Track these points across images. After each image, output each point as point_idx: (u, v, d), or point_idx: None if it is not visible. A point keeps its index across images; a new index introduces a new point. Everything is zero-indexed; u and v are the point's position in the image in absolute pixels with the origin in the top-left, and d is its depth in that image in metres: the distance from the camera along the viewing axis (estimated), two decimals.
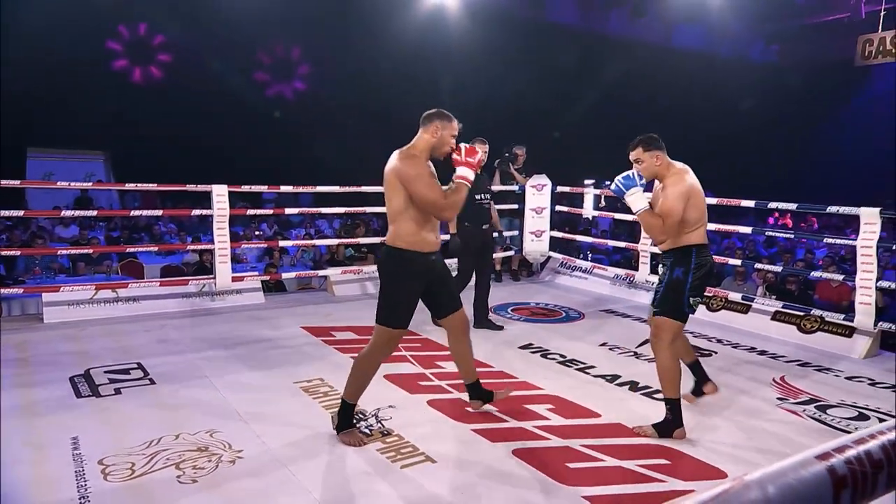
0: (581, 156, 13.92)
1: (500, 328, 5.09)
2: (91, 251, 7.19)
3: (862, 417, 3.50)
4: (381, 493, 2.59)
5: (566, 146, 13.99)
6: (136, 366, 4.02)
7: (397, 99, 12.85)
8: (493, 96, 13.48)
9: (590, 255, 9.06)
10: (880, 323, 4.61)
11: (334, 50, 13.12)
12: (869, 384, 4.07)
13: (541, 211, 6.93)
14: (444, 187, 3.00)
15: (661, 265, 3.30)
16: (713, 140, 15.68)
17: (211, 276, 5.72)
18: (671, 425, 3.14)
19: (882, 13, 13.50)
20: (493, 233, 5.32)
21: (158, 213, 7.46)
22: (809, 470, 0.59)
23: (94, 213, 8.43)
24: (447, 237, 4.69)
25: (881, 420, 3.45)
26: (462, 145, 3.07)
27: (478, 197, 5.00)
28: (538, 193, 6.91)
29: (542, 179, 6.96)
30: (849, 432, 3.24)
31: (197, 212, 6.03)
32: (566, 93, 14.97)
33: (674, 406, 3.15)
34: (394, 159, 2.93)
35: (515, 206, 7.01)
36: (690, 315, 3.18)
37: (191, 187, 5.62)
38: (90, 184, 10.29)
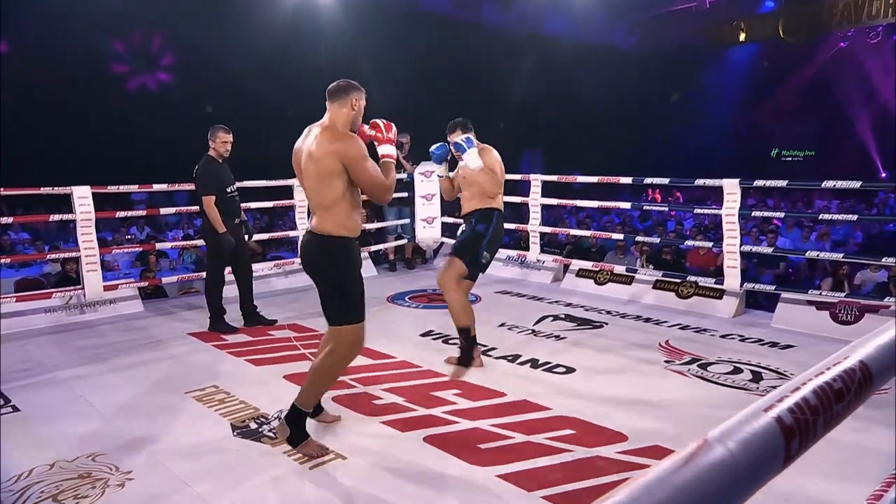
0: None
1: (274, 322, 4.90)
2: None
3: (737, 371, 3.83)
4: (294, 497, 2.49)
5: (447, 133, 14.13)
6: None
7: (269, 87, 12.39)
8: (370, 84, 13.32)
9: None
10: (745, 284, 5.08)
11: (199, 38, 12.36)
12: (739, 340, 4.46)
13: (430, 198, 6.96)
14: None
15: (463, 224, 3.88)
16: (585, 124, 16.52)
17: (78, 286, 5.23)
18: (469, 352, 3.69)
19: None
20: (242, 225, 4.88)
21: (8, 220, 6.69)
22: (760, 422, 0.61)
23: None
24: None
25: (753, 372, 3.80)
26: (379, 121, 2.84)
27: (229, 190, 4.69)
28: (427, 180, 6.93)
29: (430, 166, 6.97)
30: (728, 386, 3.54)
31: (56, 217, 5.45)
32: (444, 80, 15.12)
33: (466, 333, 3.69)
34: (323, 139, 2.61)
35: (405, 195, 6.99)
36: (481, 274, 3.84)
37: (46, 190, 5.09)
38: None
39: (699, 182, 5.22)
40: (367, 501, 2.44)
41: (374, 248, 7.06)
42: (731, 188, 4.99)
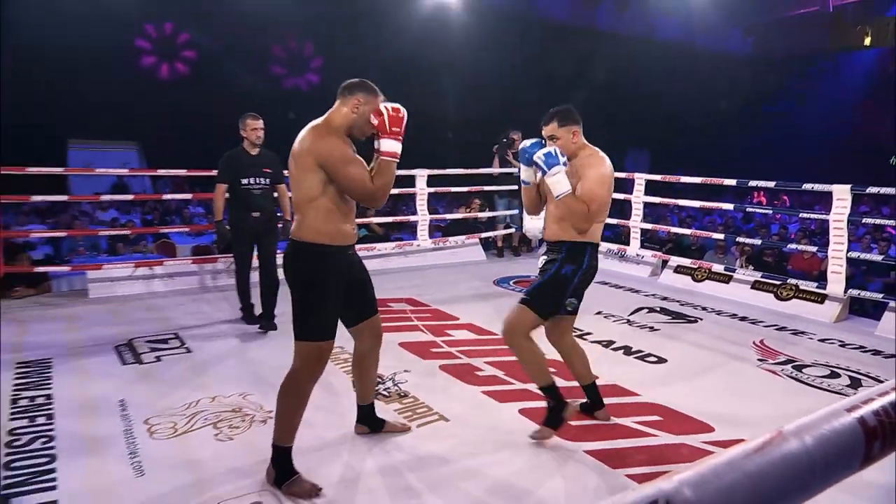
0: None
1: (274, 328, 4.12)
2: (129, 232, 7.18)
3: (834, 375, 3.50)
4: (401, 447, 2.59)
5: None
6: (173, 336, 4.02)
7: (402, 87, 12.78)
8: (490, 87, 13.40)
9: None
10: (849, 290, 4.59)
11: (344, 43, 12.97)
12: (839, 345, 4.06)
13: None
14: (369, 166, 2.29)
15: (545, 255, 2.75)
16: (696, 127, 15.56)
17: None
18: (558, 412, 2.61)
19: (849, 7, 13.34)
20: (268, 220, 4.26)
21: (188, 196, 7.41)
22: (841, 421, 0.57)
23: (131, 197, 8.41)
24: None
25: (852, 378, 3.45)
26: (385, 107, 2.24)
27: (244, 181, 4.16)
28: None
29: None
30: (824, 389, 3.25)
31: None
32: (559, 82, 14.84)
33: (551, 391, 2.62)
34: (307, 136, 2.21)
35: (515, 188, 6.96)
36: (563, 314, 2.70)
37: (216, 173, 5.57)
38: (126, 170, 10.24)
39: (807, 186, 4.76)
40: (463, 462, 2.48)
41: (484, 235, 7.15)
42: (842, 194, 4.52)
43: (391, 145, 2.23)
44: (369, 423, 2.69)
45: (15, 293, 4.92)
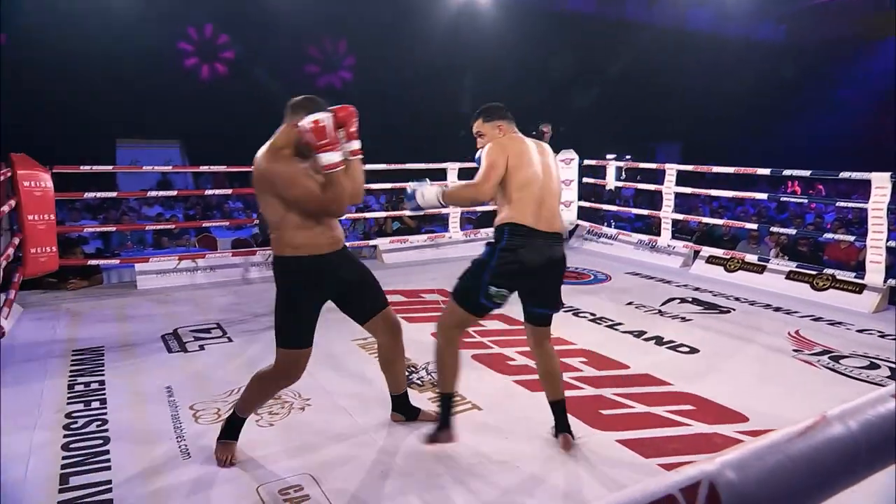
0: (601, 130, 13.63)
1: None
2: (173, 227, 7.39)
3: (873, 367, 3.37)
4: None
5: (589, 122, 13.71)
6: (215, 325, 4.12)
7: (432, 80, 12.80)
8: (521, 80, 13.29)
9: (613, 223, 8.86)
10: (889, 280, 4.42)
11: (376, 41, 13.03)
12: (879, 336, 3.91)
13: (569, 183, 6.79)
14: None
15: None
16: (727, 117, 15.14)
17: None
18: (439, 429, 2.47)
19: None
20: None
21: (228, 191, 7.57)
22: (887, 406, 0.55)
23: (175, 193, 8.64)
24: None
25: (893, 369, 3.32)
26: (303, 125, 2.08)
27: None
28: (566, 167, 6.77)
29: (570, 154, 6.81)
30: (862, 380, 3.14)
31: None
32: (588, 75, 14.63)
33: (444, 402, 2.48)
34: (257, 161, 2.17)
35: None
36: (495, 309, 2.40)
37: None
38: (170, 167, 10.52)
39: (844, 175, 4.59)
40: (495, 449, 2.48)
41: None
42: (882, 182, 4.34)
43: (327, 158, 2.09)
44: (404, 411, 2.71)
45: (70, 285, 5.11)
